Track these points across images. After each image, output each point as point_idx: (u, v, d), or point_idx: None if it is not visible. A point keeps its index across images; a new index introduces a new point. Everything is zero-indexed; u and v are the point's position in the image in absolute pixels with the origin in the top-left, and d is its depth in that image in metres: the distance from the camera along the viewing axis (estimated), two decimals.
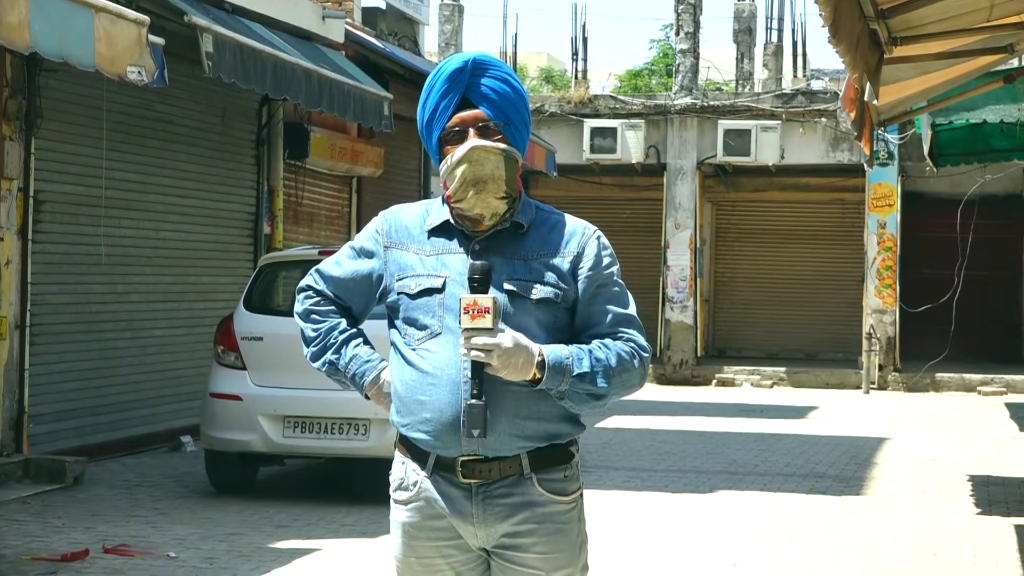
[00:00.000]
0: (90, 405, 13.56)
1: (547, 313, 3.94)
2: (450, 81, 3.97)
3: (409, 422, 3.98)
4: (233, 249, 16.38)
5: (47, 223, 12.91)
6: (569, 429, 4.00)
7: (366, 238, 4.13)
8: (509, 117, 3.99)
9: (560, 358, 3.85)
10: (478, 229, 3.99)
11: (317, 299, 4.19)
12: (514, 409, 3.89)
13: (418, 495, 4.00)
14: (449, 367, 3.90)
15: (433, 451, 3.95)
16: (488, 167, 3.92)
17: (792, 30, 32.72)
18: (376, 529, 10.28)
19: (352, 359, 4.13)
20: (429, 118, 4.01)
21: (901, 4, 6.87)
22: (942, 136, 13.58)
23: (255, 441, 11.35)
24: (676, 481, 13.17)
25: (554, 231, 4.02)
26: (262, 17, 15.01)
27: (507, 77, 4.02)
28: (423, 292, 3.96)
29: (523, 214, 4.01)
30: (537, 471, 3.95)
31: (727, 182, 27.97)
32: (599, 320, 3.98)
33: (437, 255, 3.99)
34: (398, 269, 4.03)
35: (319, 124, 17.69)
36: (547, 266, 3.96)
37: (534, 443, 3.93)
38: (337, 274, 4.16)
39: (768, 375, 25.96)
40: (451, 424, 3.89)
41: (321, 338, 4.16)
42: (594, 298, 3.99)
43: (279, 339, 11.39)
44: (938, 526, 11.10)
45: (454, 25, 29.46)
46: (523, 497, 3.94)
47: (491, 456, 3.92)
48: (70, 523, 10.32)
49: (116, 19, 9.85)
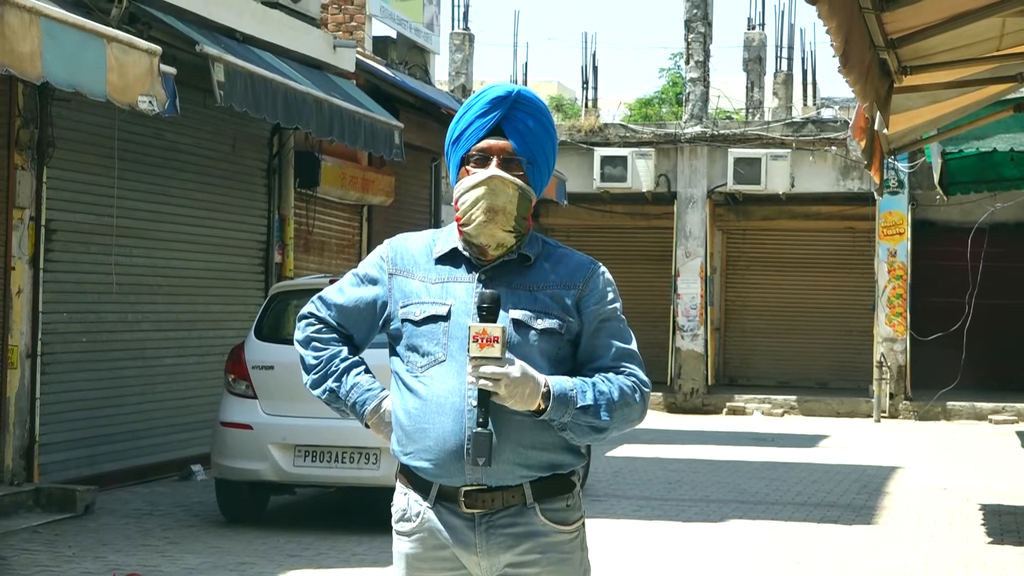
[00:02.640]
0: (101, 434, 13.55)
1: (551, 344, 3.96)
2: (490, 106, 3.99)
3: (412, 451, 3.97)
4: (244, 278, 16.40)
5: (58, 252, 12.93)
6: (571, 459, 4.01)
7: (370, 265, 4.14)
8: (534, 156, 4.02)
9: (565, 390, 3.87)
10: (485, 258, 4.00)
11: (319, 327, 4.18)
12: (517, 438, 3.90)
13: (421, 526, 3.99)
14: (453, 395, 3.90)
15: (436, 480, 3.95)
16: (502, 199, 3.94)
17: (802, 59, 32.77)
18: (387, 559, 10.22)
19: (353, 387, 4.13)
20: (459, 135, 4.03)
21: (911, 34, 6.87)
22: (952, 164, 13.58)
23: (266, 470, 11.34)
24: (686, 510, 13.14)
25: (560, 264, 4.04)
26: (273, 46, 15.06)
27: (543, 118, 4.05)
28: (428, 319, 3.97)
29: (530, 247, 4.03)
30: (540, 501, 3.95)
31: (737, 210, 27.98)
32: (602, 354, 4.00)
33: (443, 283, 4.01)
34: (403, 296, 4.04)
35: (330, 153, 17.73)
36: (552, 298, 3.98)
37: (536, 472, 3.94)
38: (340, 301, 4.16)
39: (779, 403, 25.92)
40: (454, 452, 3.90)
41: (322, 366, 4.16)
42: (598, 332, 4.01)
43: (290, 368, 11.32)
44: (950, 555, 11.06)
45: (464, 54, 29.52)
46: (526, 527, 3.94)
47: (494, 486, 3.92)
48: (81, 552, 10.31)
49: (128, 49, 9.89)
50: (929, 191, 22.49)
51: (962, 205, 23.99)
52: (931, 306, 25.67)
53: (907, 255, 25.33)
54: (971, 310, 24.28)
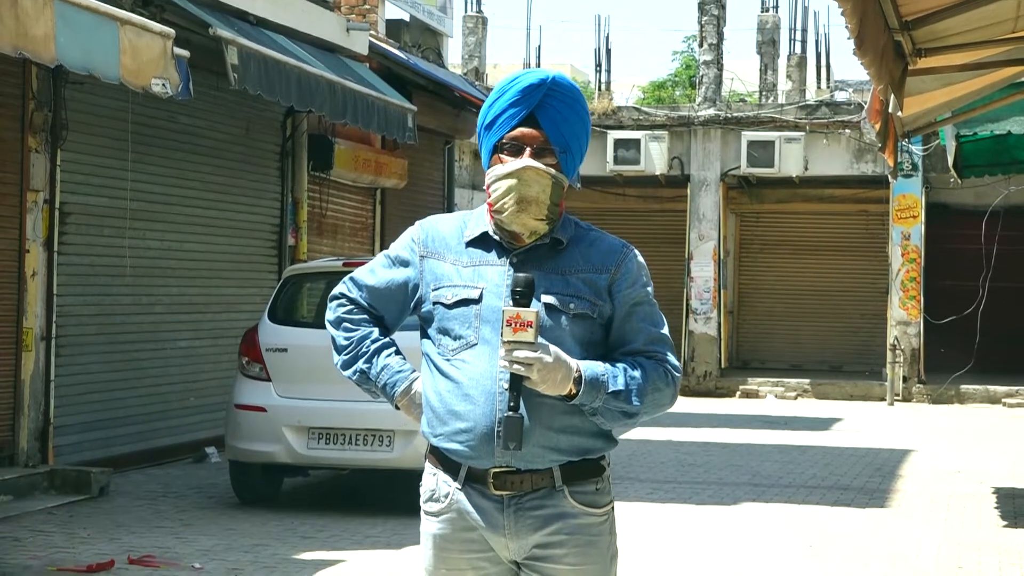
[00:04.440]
0: (115, 416, 13.59)
1: (583, 328, 3.94)
2: (523, 94, 3.96)
3: (442, 433, 3.96)
4: (257, 261, 16.42)
5: (72, 235, 12.96)
6: (601, 444, 4.02)
7: (402, 247, 4.12)
8: (568, 144, 3.99)
9: (596, 374, 3.86)
10: (517, 242, 3.99)
11: (350, 307, 4.17)
12: (548, 422, 3.89)
13: (450, 507, 3.99)
14: (485, 378, 3.89)
15: (465, 462, 3.95)
16: (535, 189, 3.92)
17: (816, 41, 32.66)
18: (400, 540, 10.29)
19: (383, 368, 4.11)
20: (491, 122, 3.99)
21: (926, 16, 6.87)
22: (966, 147, 13.56)
23: (279, 452, 11.37)
24: (700, 493, 13.16)
25: (592, 248, 4.02)
26: (286, 29, 15.06)
27: (577, 106, 4.01)
28: (460, 303, 3.95)
29: (563, 231, 4.01)
30: (569, 484, 3.95)
31: (751, 193, 27.94)
32: (633, 338, 3.99)
33: (474, 266, 3.98)
34: (434, 279, 4.02)
35: (343, 136, 17.73)
36: (584, 282, 3.96)
37: (566, 456, 3.94)
38: (371, 282, 4.15)
39: (792, 387, 25.90)
40: (486, 435, 3.89)
41: (353, 346, 4.14)
42: (629, 316, 3.99)
43: (303, 350, 11.42)
44: (963, 539, 11.06)
45: (478, 37, 29.49)
46: (555, 509, 3.94)
47: (523, 469, 3.92)
48: (95, 534, 10.35)
49: (141, 32, 9.90)
50: (943, 174, 22.48)
51: (976, 188, 23.92)
52: (945, 289, 25.64)
53: (921, 238, 25.29)
54: (985, 293, 24.25)
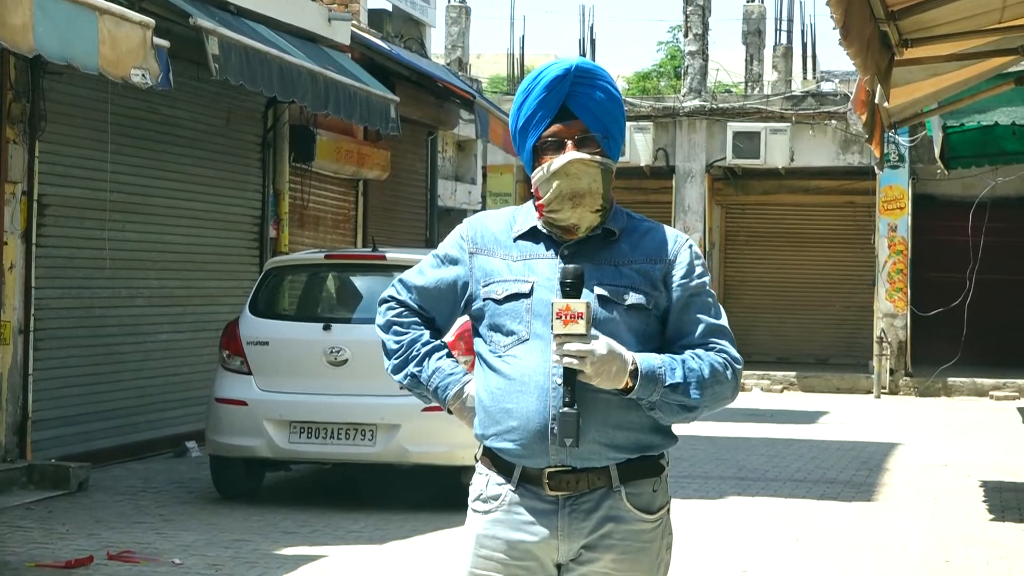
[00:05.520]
0: (94, 410, 13.56)
1: (638, 320, 3.88)
2: (549, 89, 3.89)
3: (494, 432, 3.90)
4: (238, 253, 16.39)
5: (51, 227, 12.92)
6: (660, 440, 3.94)
7: (451, 245, 4.06)
8: (608, 129, 3.93)
9: (653, 367, 3.79)
10: (568, 236, 3.93)
11: (400, 310, 4.10)
12: (604, 418, 3.82)
13: (498, 508, 3.92)
14: (537, 373, 3.83)
15: (519, 461, 3.88)
16: (585, 181, 3.86)
17: (802, 32, 32.79)
18: (383, 536, 10.28)
19: (435, 372, 4.03)
20: (524, 124, 3.93)
21: (912, 5, 6.87)
22: (953, 138, 13.58)
23: (261, 447, 11.35)
24: (685, 487, 13.16)
25: (646, 238, 3.95)
26: (267, 19, 15.02)
27: (608, 87, 3.94)
28: (510, 297, 3.90)
29: (615, 221, 3.95)
30: (626, 483, 3.88)
31: (736, 185, 27.97)
32: (691, 330, 3.92)
33: (525, 260, 3.93)
34: (484, 275, 3.96)
35: (325, 127, 17.71)
36: (639, 272, 3.90)
37: (624, 454, 3.86)
38: (421, 283, 4.09)
39: (778, 379, 25.94)
40: (539, 433, 3.82)
41: (403, 351, 4.06)
42: (686, 307, 3.93)
43: (285, 343, 11.41)
44: (950, 532, 11.08)
45: (461, 27, 29.47)
46: (609, 511, 3.86)
47: (579, 467, 3.85)
48: (74, 529, 10.33)
49: (120, 21, 9.87)
50: (930, 165, 22.49)
51: (963, 179, 23.98)
52: (932, 281, 25.69)
53: (908, 230, 25.33)
54: (972, 285, 24.29)
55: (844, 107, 25.13)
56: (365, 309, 11.60)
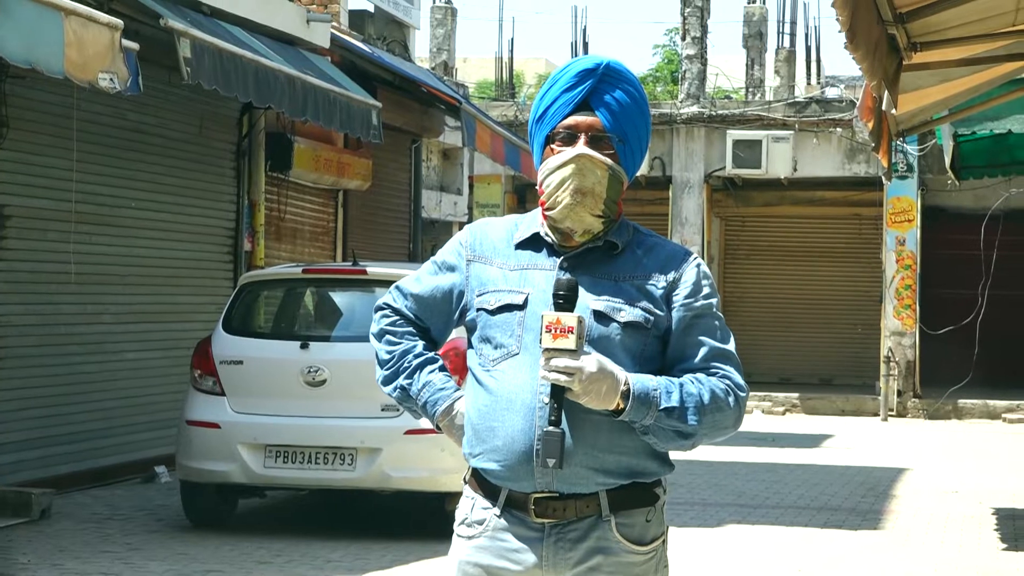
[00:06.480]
0: (58, 433, 13.52)
1: (635, 339, 3.86)
2: (577, 79, 3.91)
3: (480, 452, 3.89)
4: (211, 267, 16.38)
5: (13, 239, 12.90)
6: (655, 467, 3.91)
7: (449, 252, 4.07)
8: (626, 134, 3.93)
9: (647, 389, 3.76)
10: (568, 245, 3.93)
11: (394, 318, 4.11)
12: (592, 440, 3.80)
13: (482, 533, 3.91)
14: (524, 391, 3.82)
15: (504, 485, 3.87)
16: (590, 179, 3.87)
17: (805, 35, 32.72)
18: (363, 565, 10.27)
19: (425, 386, 4.03)
20: (543, 112, 3.94)
21: (921, 7, 6.88)
22: (964, 147, 13.61)
23: (234, 472, 11.32)
24: (682, 514, 13.16)
25: (650, 254, 3.94)
26: (242, 20, 15.02)
27: (635, 92, 3.95)
28: (503, 308, 3.89)
29: (619, 235, 3.94)
30: (616, 512, 3.85)
31: (736, 196, 28.01)
32: (693, 353, 3.88)
33: (521, 270, 3.93)
34: (479, 284, 3.96)
35: (303, 134, 17.71)
36: (639, 289, 3.88)
37: (614, 479, 3.84)
38: (417, 291, 4.10)
39: (780, 401, 25.96)
40: (523, 454, 3.81)
41: (394, 362, 4.07)
42: (689, 329, 3.89)
43: (260, 363, 11.39)
44: (961, 562, 11.09)
45: (447, 29, 29.51)
46: (597, 542, 3.84)
47: (566, 492, 3.83)
48: (36, 560, 10.30)
49: (87, 23, 9.86)
50: (940, 175, 22.56)
51: (975, 190, 24.03)
52: (942, 298, 25.73)
53: (916, 244, 25.38)
54: (984, 302, 24.33)
55: (850, 114, 25.18)
56: (344, 327, 11.59)
